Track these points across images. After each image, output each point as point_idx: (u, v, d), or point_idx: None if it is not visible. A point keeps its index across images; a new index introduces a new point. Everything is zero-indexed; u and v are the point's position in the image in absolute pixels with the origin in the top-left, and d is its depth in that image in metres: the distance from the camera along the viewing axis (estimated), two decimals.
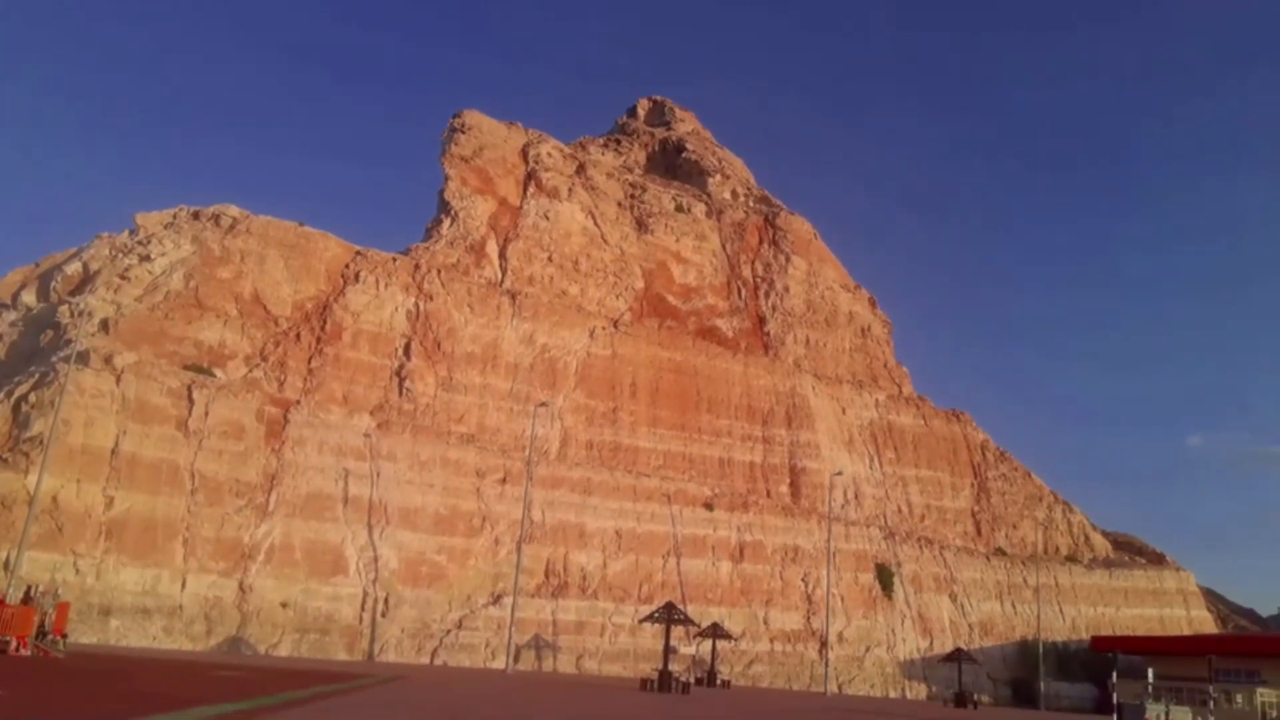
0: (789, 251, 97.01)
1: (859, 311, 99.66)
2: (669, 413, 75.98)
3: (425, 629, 54.84)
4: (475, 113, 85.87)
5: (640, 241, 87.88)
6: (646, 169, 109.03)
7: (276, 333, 61.17)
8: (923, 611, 76.89)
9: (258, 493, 52.53)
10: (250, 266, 62.58)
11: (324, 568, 52.99)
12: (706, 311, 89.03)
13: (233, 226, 63.81)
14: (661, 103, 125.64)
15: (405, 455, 58.59)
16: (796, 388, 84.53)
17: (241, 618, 49.54)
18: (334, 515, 54.57)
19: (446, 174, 78.82)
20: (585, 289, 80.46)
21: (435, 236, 75.00)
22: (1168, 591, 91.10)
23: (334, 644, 51.77)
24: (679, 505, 68.34)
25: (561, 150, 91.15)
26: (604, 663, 60.10)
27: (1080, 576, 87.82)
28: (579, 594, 61.23)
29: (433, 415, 63.33)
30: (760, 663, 66.40)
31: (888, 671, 71.83)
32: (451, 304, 68.48)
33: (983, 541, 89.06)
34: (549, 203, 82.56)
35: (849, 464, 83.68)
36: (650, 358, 77.44)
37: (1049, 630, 79.01)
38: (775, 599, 69.19)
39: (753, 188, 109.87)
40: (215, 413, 52.63)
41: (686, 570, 66.35)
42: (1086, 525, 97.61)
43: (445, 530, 57.94)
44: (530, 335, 71.42)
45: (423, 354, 65.33)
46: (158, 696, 21.05)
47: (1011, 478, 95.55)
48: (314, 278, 64.41)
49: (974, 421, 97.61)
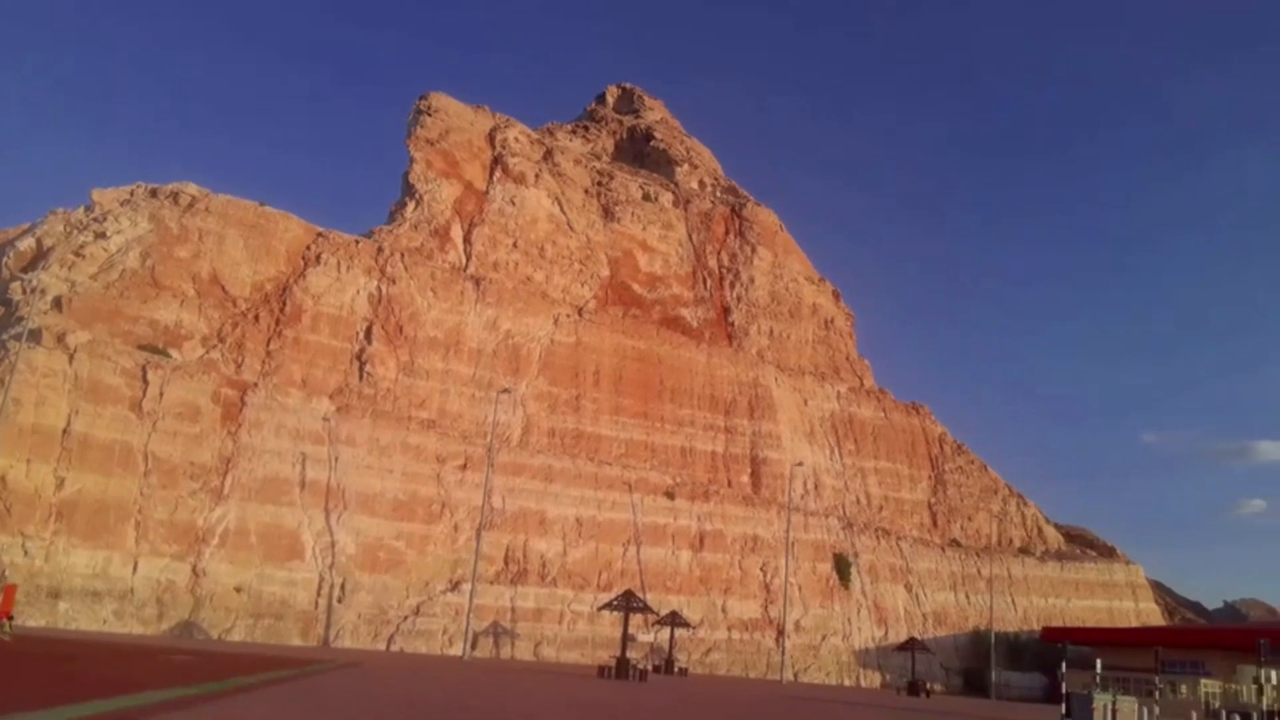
0: (755, 242, 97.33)
1: (823, 304, 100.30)
2: (632, 401, 76.02)
3: (382, 615, 54.51)
4: (442, 95, 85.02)
5: (607, 229, 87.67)
6: (614, 157, 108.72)
7: (235, 314, 60.28)
8: (878, 601, 77.81)
9: (213, 475, 51.82)
10: (209, 246, 61.54)
11: (280, 552, 52.45)
12: (671, 301, 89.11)
13: (191, 205, 62.69)
14: (630, 90, 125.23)
15: (365, 440, 58.08)
16: (759, 378, 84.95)
17: (194, 602, 48.92)
18: (291, 499, 53.99)
19: (411, 157, 78.00)
20: (550, 276, 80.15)
21: (399, 220, 74.25)
22: (1117, 584, 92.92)
23: (289, 629, 51.30)
24: (640, 494, 68.47)
25: (529, 136, 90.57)
26: (562, 650, 60.16)
27: (1032, 568, 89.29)
28: (538, 581, 61.18)
29: (393, 400, 62.83)
30: (718, 651, 66.84)
31: (843, 660, 72.65)
32: (415, 288, 67.88)
33: (938, 533, 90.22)
34: (515, 188, 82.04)
35: (810, 455, 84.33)
36: (614, 346, 77.37)
37: (1001, 621, 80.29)
38: (734, 588, 69.64)
39: (720, 178, 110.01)
40: (170, 394, 51.80)
41: (646, 558, 66.53)
42: (1040, 518, 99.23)
43: (404, 516, 57.57)
44: (494, 321, 71.03)
45: (384, 338, 64.74)
46: (106, 681, 20.74)
47: (968, 470, 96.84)
48: (274, 259, 63.51)
49: (933, 415, 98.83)
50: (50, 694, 16.62)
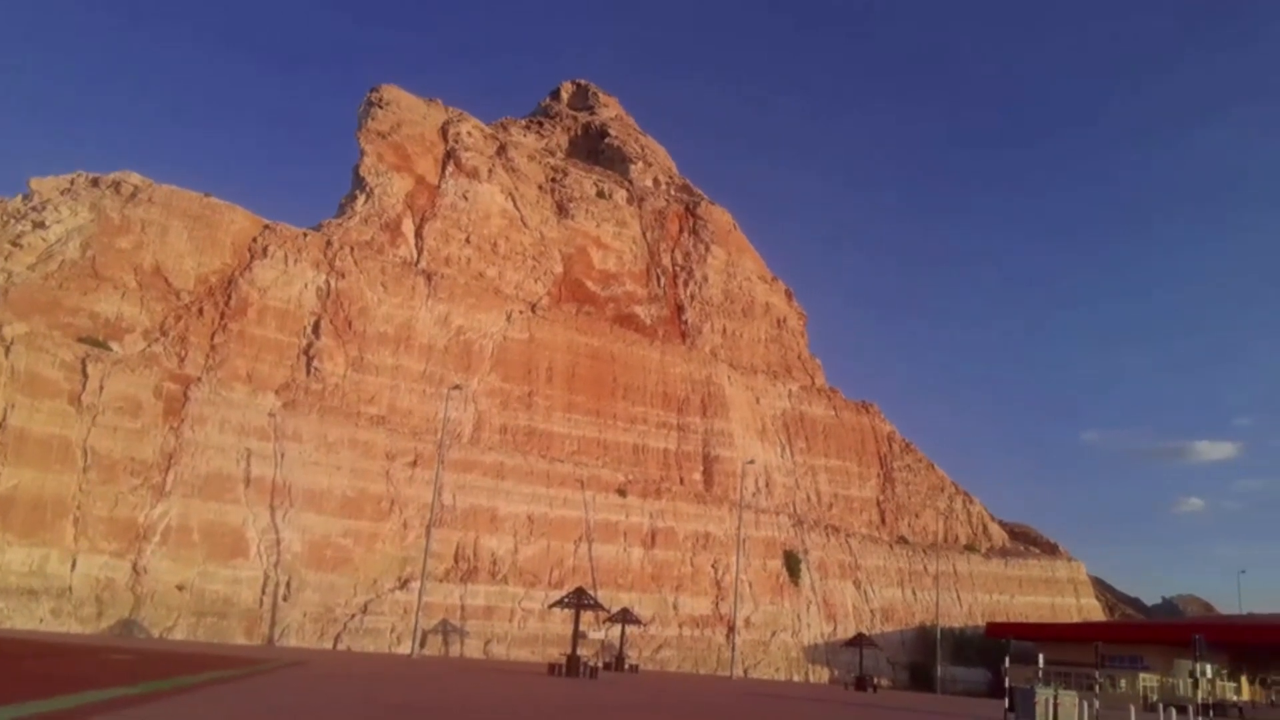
0: (709, 241, 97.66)
1: (775, 303, 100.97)
2: (585, 398, 75.83)
3: (329, 613, 53.74)
4: (394, 88, 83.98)
5: (560, 226, 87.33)
6: (568, 153, 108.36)
7: (178, 306, 58.97)
8: (827, 597, 78.56)
9: (154, 471, 50.69)
10: (152, 237, 60.12)
11: (223, 550, 51.45)
12: (625, 298, 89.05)
13: (134, 195, 61.20)
14: (585, 87, 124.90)
15: (312, 436, 57.20)
16: (712, 376, 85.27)
17: (135, 600, 47.82)
18: (235, 496, 52.99)
19: (362, 149, 76.92)
20: (503, 272, 79.62)
21: (349, 213, 73.20)
22: (1059, 580, 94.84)
23: (232, 628, 50.35)
24: (592, 491, 68.35)
25: (482, 130, 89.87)
26: (512, 648, 59.83)
27: (978, 565, 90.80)
28: (489, 579, 60.77)
29: (342, 396, 61.95)
30: (669, 647, 66.98)
31: (792, 656, 73.24)
32: (364, 282, 66.98)
33: (887, 530, 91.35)
34: (468, 183, 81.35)
35: (761, 453, 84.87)
36: (567, 343, 77.11)
37: (947, 616, 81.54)
38: (685, 584, 69.85)
39: (674, 176, 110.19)
40: (111, 388, 50.55)
41: (598, 556, 66.44)
42: (985, 516, 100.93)
43: (352, 513, 56.80)
44: (446, 317, 70.35)
45: (333, 333, 63.78)
46: (43, 680, 20.16)
47: (916, 468, 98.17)
48: (219, 250, 62.24)
49: (882, 414, 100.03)
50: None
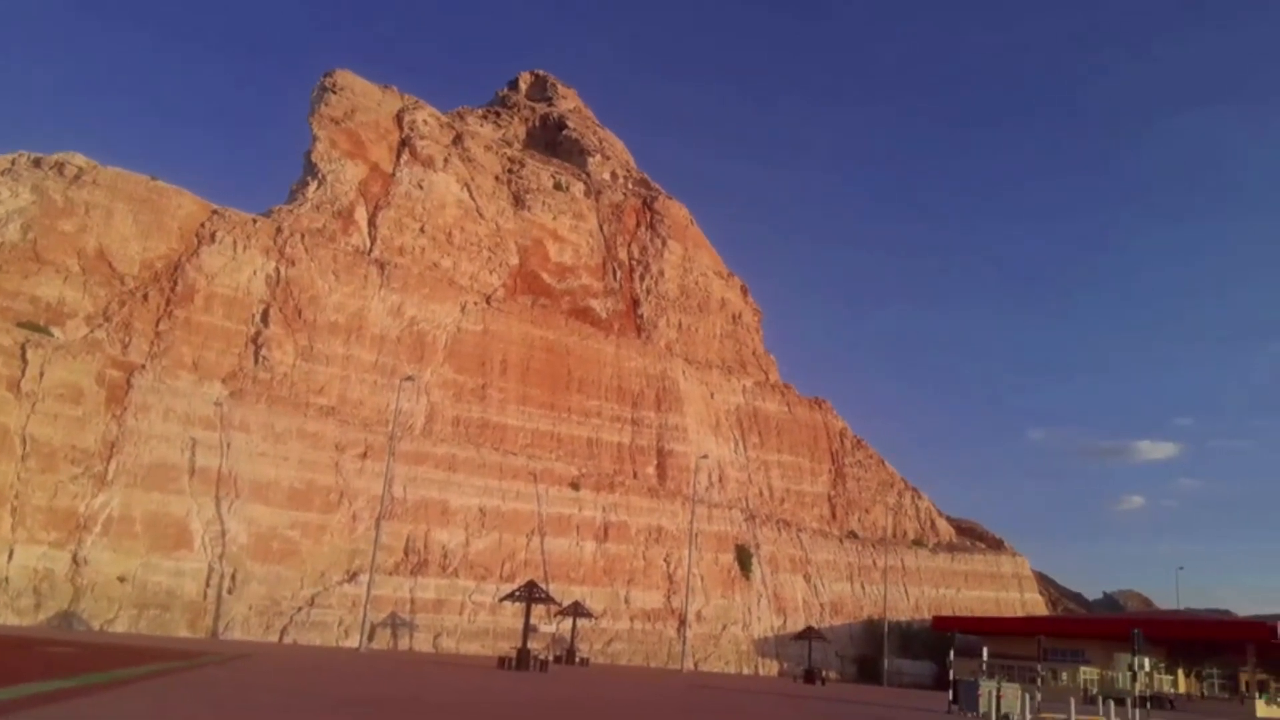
0: (665, 236, 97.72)
1: (731, 298, 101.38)
2: (539, 391, 75.49)
3: (275, 606, 52.95)
4: (348, 73, 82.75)
5: (517, 217, 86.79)
6: (526, 144, 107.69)
7: (122, 292, 57.60)
8: (778, 591, 79.17)
9: (96, 460, 49.53)
10: (96, 220, 58.64)
11: (167, 541, 50.44)
12: (581, 291, 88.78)
13: (78, 177, 59.63)
14: (544, 78, 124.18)
15: (259, 426, 56.28)
16: (667, 371, 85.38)
17: (75, 591, 46.71)
18: (179, 487, 51.96)
19: (315, 135, 75.70)
20: (458, 262, 78.91)
21: (300, 199, 72.01)
22: (1004, 575, 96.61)
23: (175, 621, 49.38)
24: (545, 484, 68.12)
25: (438, 118, 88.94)
26: (462, 641, 59.45)
27: (925, 559, 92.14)
28: (439, 572, 60.30)
29: (290, 385, 60.98)
30: (620, 641, 67.02)
31: (743, 649, 73.70)
32: (315, 270, 65.96)
33: (837, 525, 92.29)
34: (423, 172, 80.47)
35: (715, 448, 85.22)
36: (522, 335, 76.69)
37: (895, 610, 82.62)
38: (637, 578, 69.93)
39: (632, 170, 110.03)
40: (51, 374, 49.28)
41: (550, 549, 66.25)
42: (933, 511, 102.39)
43: (300, 505, 56.00)
44: (399, 307, 69.57)
45: (282, 321, 62.74)
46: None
47: (866, 465, 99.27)
48: (166, 235, 60.89)
49: (834, 410, 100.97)
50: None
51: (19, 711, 13.42)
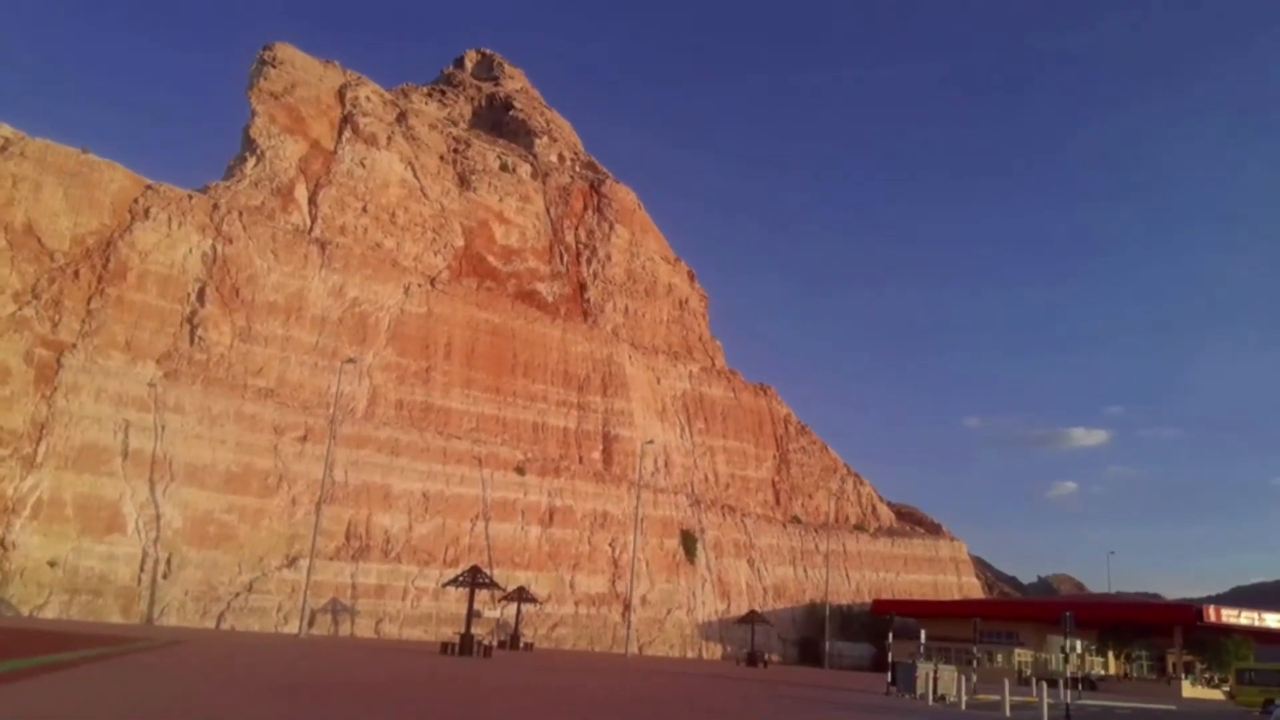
0: (613, 220, 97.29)
1: (678, 284, 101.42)
2: (484, 375, 74.74)
3: (211, 591, 51.77)
4: (288, 46, 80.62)
5: (462, 198, 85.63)
6: (471, 124, 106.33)
7: (52, 268, 55.53)
8: (722, 575, 79.72)
9: (24, 442, 47.84)
10: (24, 194, 56.35)
11: (99, 525, 48.97)
12: (527, 275, 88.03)
13: (4, 148, 57.18)
14: (490, 57, 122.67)
15: (195, 408, 54.86)
16: (613, 356, 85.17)
17: (2, 576, 45.14)
18: (111, 469, 50.45)
19: (253, 109, 73.66)
20: (401, 243, 77.65)
21: (238, 175, 70.13)
22: (942, 559, 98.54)
23: (108, 606, 48.02)
24: (490, 469, 67.58)
25: (382, 95, 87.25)
26: (405, 627, 58.80)
27: (866, 544, 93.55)
28: (381, 557, 59.51)
29: (228, 367, 59.50)
30: (565, 625, 66.91)
31: (687, 633, 74.10)
32: (253, 249, 64.33)
33: (781, 510, 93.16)
34: (366, 150, 78.91)
35: (661, 433, 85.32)
36: (467, 318, 75.81)
37: (836, 593, 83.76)
38: (582, 563, 69.83)
39: (579, 153, 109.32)
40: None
41: (495, 534, 65.79)
42: (874, 496, 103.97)
43: (237, 489, 54.78)
44: (340, 288, 68.22)
45: (219, 300, 61.12)
46: None
47: (810, 450, 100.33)
48: (97, 210, 58.82)
49: (779, 396, 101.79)
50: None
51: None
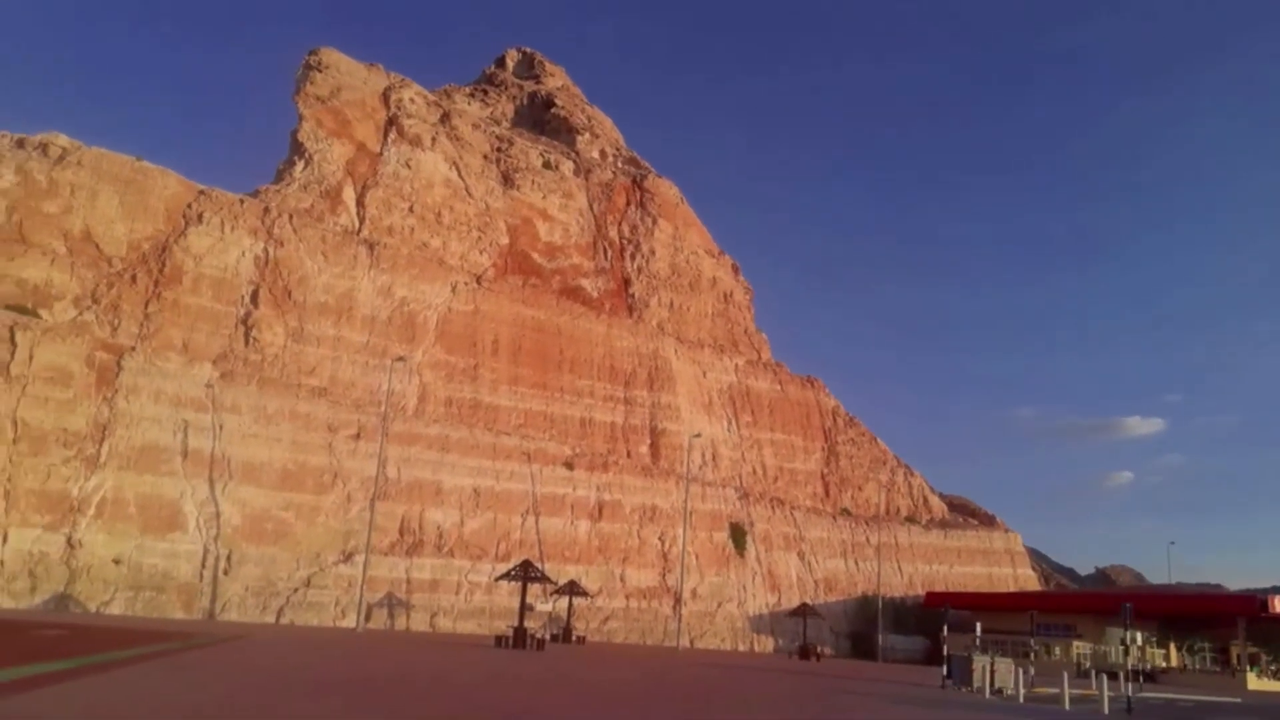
0: (655, 214, 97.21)
1: (722, 277, 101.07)
2: (530, 371, 75.23)
3: (270, 587, 52.82)
4: (333, 51, 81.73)
5: (505, 196, 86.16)
6: (514, 123, 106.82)
7: (110, 274, 57.00)
8: (772, 569, 79.45)
9: (87, 443, 49.16)
10: (81, 201, 57.90)
11: (160, 523, 50.19)
12: (571, 271, 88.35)
13: (62, 157, 58.81)
14: (531, 55, 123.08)
15: (250, 407, 55.94)
16: (659, 350, 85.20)
17: (70, 574, 46.46)
18: (171, 469, 51.66)
19: (300, 114, 74.84)
20: (447, 242, 78.37)
21: (287, 179, 71.30)
22: (996, 551, 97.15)
23: (170, 603, 49.22)
24: (538, 464, 68.02)
25: (425, 97, 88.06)
26: (459, 620, 59.48)
27: (918, 536, 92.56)
28: (434, 552, 60.23)
29: (281, 367, 60.59)
30: (616, 619, 67.18)
31: (737, 626, 73.99)
32: (304, 251, 65.41)
33: (830, 502, 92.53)
34: (411, 151, 79.74)
35: (707, 426, 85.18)
36: (513, 315, 76.34)
37: (887, 586, 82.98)
38: (632, 557, 70.03)
39: (621, 148, 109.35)
40: (40, 357, 48.82)
41: (544, 529, 66.23)
42: (925, 488, 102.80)
43: (293, 486, 55.78)
44: (388, 287, 69.11)
45: (271, 302, 62.25)
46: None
47: (859, 442, 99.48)
48: (152, 216, 60.20)
49: (826, 388, 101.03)
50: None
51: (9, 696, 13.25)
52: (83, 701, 13.78)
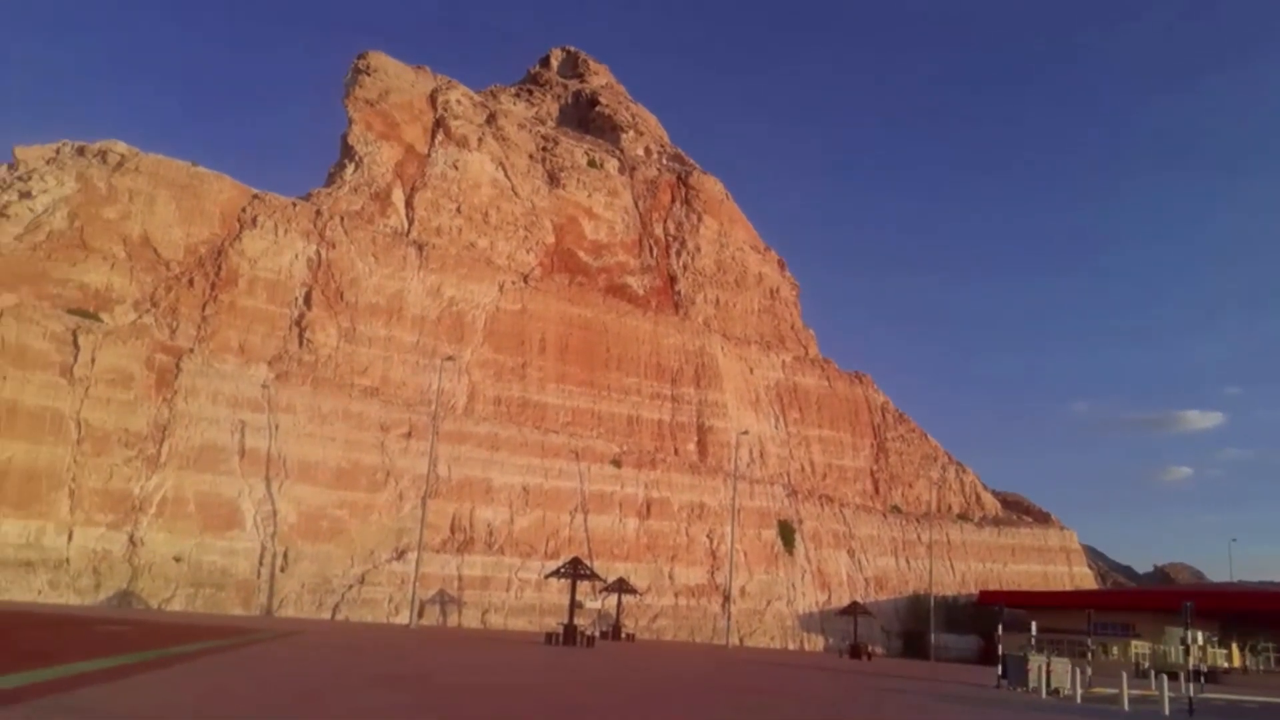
0: (700, 211, 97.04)
1: (768, 273, 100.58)
2: (578, 369, 75.57)
3: (325, 584, 53.72)
4: (380, 55, 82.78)
5: (551, 195, 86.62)
6: (558, 122, 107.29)
7: (168, 277, 58.37)
8: (821, 566, 78.94)
9: (148, 443, 50.40)
10: (139, 207, 59.37)
11: (219, 521, 51.29)
12: (617, 269, 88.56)
13: (120, 164, 60.37)
14: (575, 54, 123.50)
15: (305, 407, 56.90)
16: (705, 347, 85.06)
17: (132, 571, 47.70)
18: (229, 468, 52.76)
19: (350, 118, 75.95)
20: (494, 242, 78.99)
21: (338, 182, 72.41)
22: (1052, 549, 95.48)
23: (229, 599, 50.29)
24: (586, 462, 68.30)
25: (471, 98, 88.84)
26: (509, 617, 59.98)
27: (970, 534, 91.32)
28: (485, 549, 60.80)
29: (334, 367, 61.57)
30: (664, 617, 67.26)
31: (787, 625, 73.64)
32: (355, 253, 66.39)
33: (880, 499, 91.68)
34: (458, 152, 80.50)
35: (755, 423, 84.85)
36: (560, 314, 76.73)
37: (940, 585, 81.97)
38: (680, 554, 70.03)
39: (666, 145, 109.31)
40: (102, 359, 50.14)
41: (593, 526, 66.51)
42: (978, 485, 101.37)
43: (346, 484, 56.66)
44: (437, 287, 69.87)
45: (324, 303, 63.28)
46: (39, 651, 19.99)
47: (909, 438, 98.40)
48: (207, 220, 61.52)
49: (875, 384, 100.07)
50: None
51: (76, 690, 13.65)
52: (162, 694, 14.16)
